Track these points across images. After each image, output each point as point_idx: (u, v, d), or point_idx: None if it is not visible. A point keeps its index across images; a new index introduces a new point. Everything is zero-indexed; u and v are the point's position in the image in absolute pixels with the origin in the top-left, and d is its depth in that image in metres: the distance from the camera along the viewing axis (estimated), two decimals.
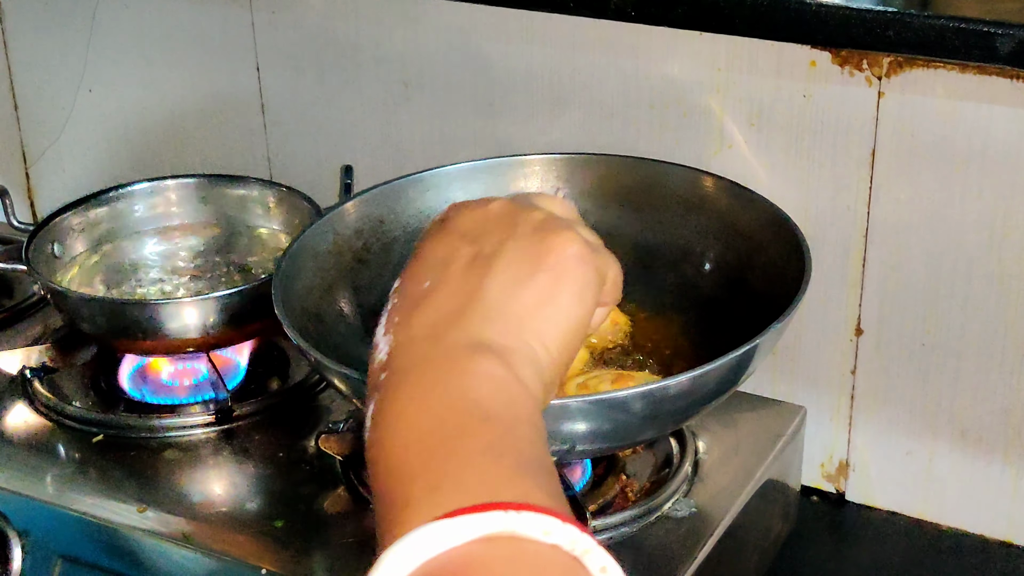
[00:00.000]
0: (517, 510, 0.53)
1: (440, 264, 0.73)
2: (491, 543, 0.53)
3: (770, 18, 1.08)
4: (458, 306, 0.70)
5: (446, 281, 0.72)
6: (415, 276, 0.73)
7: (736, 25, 1.08)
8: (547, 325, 0.71)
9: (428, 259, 0.74)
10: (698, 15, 1.13)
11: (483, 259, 0.72)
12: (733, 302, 1.12)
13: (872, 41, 0.94)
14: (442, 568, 0.52)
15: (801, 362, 1.29)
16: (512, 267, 0.72)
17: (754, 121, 1.23)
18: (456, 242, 0.74)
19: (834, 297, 1.25)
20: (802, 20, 1.01)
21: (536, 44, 1.31)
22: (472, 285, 0.71)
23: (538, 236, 0.74)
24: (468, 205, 0.78)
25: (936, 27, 0.91)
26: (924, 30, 0.91)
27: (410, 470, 0.59)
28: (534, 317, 0.70)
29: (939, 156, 1.15)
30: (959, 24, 0.90)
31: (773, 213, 1.09)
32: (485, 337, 0.68)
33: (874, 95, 1.16)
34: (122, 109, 1.63)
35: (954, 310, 1.20)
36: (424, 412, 0.63)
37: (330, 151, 1.48)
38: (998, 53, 0.88)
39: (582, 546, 0.54)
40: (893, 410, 1.27)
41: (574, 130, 1.32)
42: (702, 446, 1.16)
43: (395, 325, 0.70)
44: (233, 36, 1.49)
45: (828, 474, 1.33)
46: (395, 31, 1.39)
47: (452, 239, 0.75)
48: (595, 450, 1.03)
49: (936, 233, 1.18)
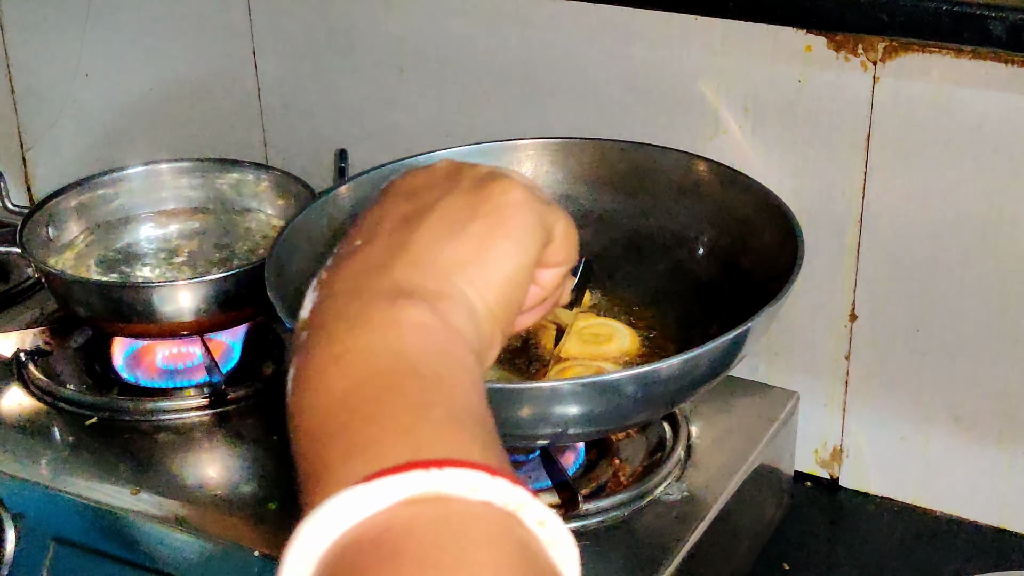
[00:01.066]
0: (440, 467, 0.50)
1: (375, 222, 0.69)
2: (415, 505, 0.49)
3: (763, 2, 1.08)
4: (384, 259, 0.66)
5: (377, 236, 0.68)
6: (349, 236, 0.70)
7: (730, 9, 1.08)
8: (481, 273, 0.67)
9: (366, 219, 0.71)
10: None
11: (417, 213, 0.69)
12: (727, 286, 1.12)
13: (866, 24, 0.94)
14: (362, 536, 0.49)
15: (795, 347, 1.29)
16: (447, 217, 0.68)
17: (749, 106, 1.23)
18: (396, 200, 0.71)
19: (828, 282, 1.25)
20: (796, 4, 1.00)
21: (531, 28, 1.31)
22: (402, 237, 0.67)
23: (477, 187, 0.70)
24: (413, 169, 0.75)
25: (930, 10, 0.91)
26: (918, 13, 0.91)
27: (329, 433, 0.55)
28: (467, 264, 0.66)
29: (934, 141, 1.15)
30: (953, 7, 0.90)
31: (766, 198, 1.09)
32: (412, 284, 0.64)
33: (869, 80, 1.16)
34: (119, 93, 1.63)
35: (949, 295, 1.20)
36: (344, 369, 0.58)
37: (326, 135, 1.48)
38: (992, 36, 0.88)
39: (516, 500, 0.50)
40: (887, 396, 1.27)
41: (569, 115, 1.32)
42: (695, 430, 1.16)
43: (320, 282, 0.66)
44: (230, 19, 1.49)
45: (822, 460, 1.33)
46: (391, 15, 1.38)
47: (392, 198, 0.71)
48: (588, 433, 1.03)
49: (931, 218, 1.18)
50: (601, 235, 1.20)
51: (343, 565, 0.49)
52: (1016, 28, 0.87)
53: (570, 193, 1.22)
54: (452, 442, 0.53)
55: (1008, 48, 0.88)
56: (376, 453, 0.52)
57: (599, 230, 1.20)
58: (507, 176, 0.72)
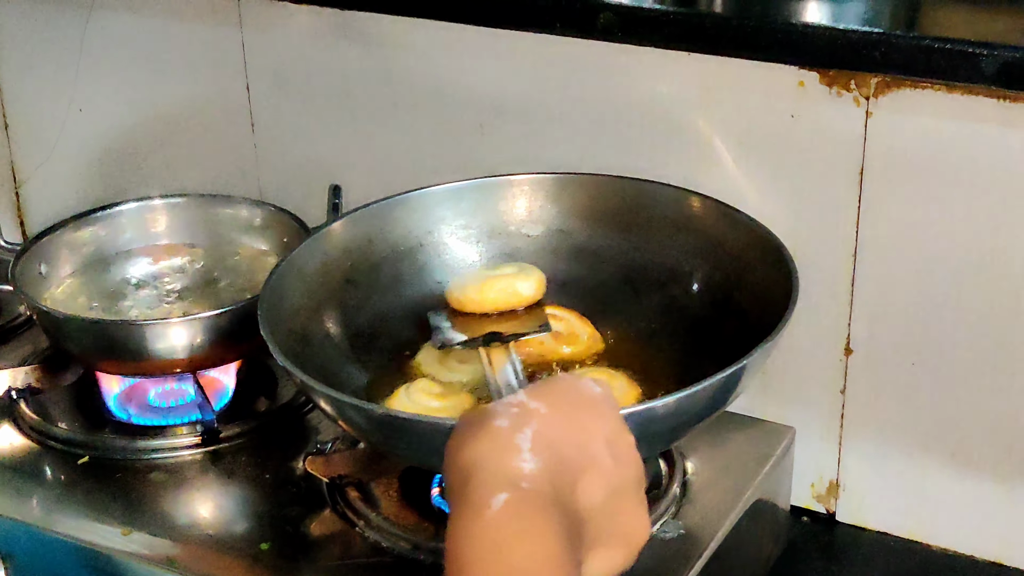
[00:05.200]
0: None
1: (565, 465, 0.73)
2: None
3: (757, 39, 1.08)
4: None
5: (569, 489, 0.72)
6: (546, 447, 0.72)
7: (723, 45, 1.08)
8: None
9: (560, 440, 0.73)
10: (685, 35, 1.13)
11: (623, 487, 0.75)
12: (721, 323, 1.12)
13: (859, 61, 0.94)
14: None
15: (790, 382, 1.28)
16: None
17: (743, 140, 1.23)
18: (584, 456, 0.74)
19: (823, 317, 1.25)
20: (789, 41, 1.00)
21: (525, 64, 1.31)
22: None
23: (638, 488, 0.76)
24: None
25: (922, 47, 0.91)
26: (910, 50, 0.91)
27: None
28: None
29: (927, 176, 1.15)
30: (945, 44, 0.90)
31: (760, 233, 1.09)
32: None
33: (862, 115, 1.16)
34: (112, 128, 1.63)
35: (944, 329, 1.20)
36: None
37: (319, 171, 1.48)
38: (983, 73, 0.88)
39: None
40: (883, 430, 1.26)
41: (563, 150, 1.32)
42: (691, 467, 1.15)
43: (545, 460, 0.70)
44: (223, 54, 1.49)
45: (818, 494, 1.32)
46: (383, 51, 1.38)
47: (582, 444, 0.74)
48: None
49: (925, 252, 1.18)
50: (596, 270, 1.20)
51: None
52: (1008, 65, 0.87)
53: (564, 228, 1.22)
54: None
55: (998, 84, 0.88)
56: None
57: (594, 265, 1.20)
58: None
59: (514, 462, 0.68)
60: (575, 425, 0.73)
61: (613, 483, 0.72)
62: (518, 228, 1.22)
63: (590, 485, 0.71)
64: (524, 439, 0.69)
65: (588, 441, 0.73)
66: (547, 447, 0.70)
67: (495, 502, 0.64)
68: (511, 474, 0.67)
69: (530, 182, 1.21)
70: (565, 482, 0.69)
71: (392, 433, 0.96)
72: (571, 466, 0.70)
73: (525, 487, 0.66)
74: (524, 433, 0.70)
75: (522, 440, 0.69)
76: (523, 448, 0.69)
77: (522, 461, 0.68)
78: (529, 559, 0.64)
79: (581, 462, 0.71)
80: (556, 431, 0.71)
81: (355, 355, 1.13)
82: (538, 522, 0.65)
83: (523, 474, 0.67)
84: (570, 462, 0.70)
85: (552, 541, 0.65)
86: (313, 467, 1.12)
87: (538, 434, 0.70)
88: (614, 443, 0.74)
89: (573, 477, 0.70)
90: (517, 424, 0.70)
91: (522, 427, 0.70)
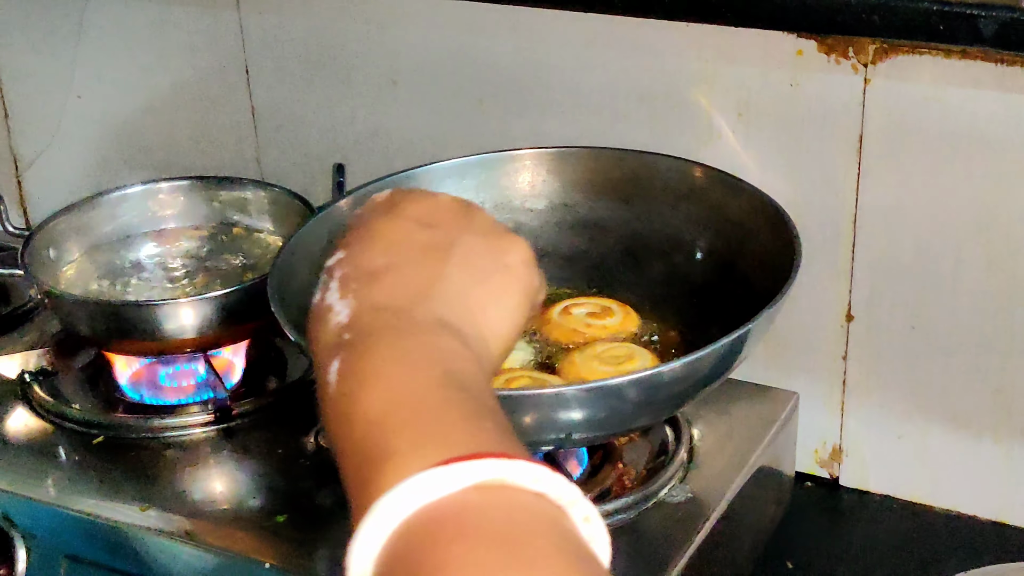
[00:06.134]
0: (507, 458, 0.55)
1: (395, 243, 0.75)
2: (483, 491, 0.55)
3: (754, 7, 1.09)
4: (422, 285, 0.72)
5: (406, 260, 0.73)
6: (368, 250, 0.74)
7: (721, 14, 1.09)
8: (495, 321, 0.73)
9: (380, 237, 0.75)
10: (684, 5, 1.14)
11: (442, 246, 0.74)
12: (725, 290, 1.13)
13: (856, 26, 0.95)
14: (438, 514, 0.54)
15: (793, 349, 1.30)
16: (471, 259, 0.74)
17: (742, 111, 1.24)
18: (409, 225, 0.76)
19: (824, 284, 1.26)
20: (787, 7, 1.01)
21: (523, 39, 1.32)
22: (434, 269, 0.73)
23: (494, 236, 0.77)
24: (415, 193, 0.80)
25: (920, 10, 0.92)
26: (908, 13, 0.92)
27: (393, 424, 0.60)
28: (487, 311, 0.73)
29: (927, 142, 1.16)
30: (943, 7, 0.91)
31: (762, 201, 1.11)
32: (446, 318, 0.70)
33: (860, 82, 1.17)
34: (112, 114, 1.63)
35: (944, 294, 1.21)
36: (402, 373, 0.64)
37: (321, 151, 1.49)
38: (982, 35, 0.89)
39: (568, 496, 0.56)
40: (885, 395, 1.28)
41: (563, 124, 1.33)
42: (696, 433, 1.17)
43: (353, 292, 0.71)
44: (221, 38, 1.50)
45: (822, 460, 1.34)
46: (382, 29, 1.39)
47: (404, 222, 0.76)
48: (592, 438, 1.04)
49: (925, 219, 1.19)
50: (598, 242, 1.22)
51: (417, 539, 0.54)
52: (1006, 26, 0.88)
53: (567, 202, 1.23)
54: (509, 445, 0.59)
55: (997, 47, 0.90)
56: (447, 443, 0.57)
57: (596, 237, 1.22)
58: (517, 236, 0.79)
59: (330, 323, 0.69)
60: (369, 242, 0.75)
61: (437, 243, 0.74)
62: (522, 203, 1.23)
63: (417, 267, 0.73)
64: (332, 294, 0.71)
65: (387, 244, 0.74)
66: (353, 280, 0.72)
67: (331, 377, 0.65)
68: (331, 338, 0.68)
69: (532, 156, 1.23)
70: (391, 287, 0.71)
71: None
72: (384, 270, 0.72)
73: (347, 338, 0.67)
74: (330, 288, 0.72)
75: (331, 296, 0.71)
76: (333, 304, 0.70)
77: (335, 315, 0.69)
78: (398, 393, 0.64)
79: (388, 261, 0.73)
80: (356, 259, 0.73)
81: None
82: (378, 358, 0.65)
83: (341, 326, 0.68)
84: (381, 270, 0.72)
85: (402, 358, 0.65)
86: (325, 440, 1.13)
87: (343, 278, 0.72)
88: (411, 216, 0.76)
89: (396, 279, 0.72)
90: (324, 285, 0.72)
91: (328, 285, 0.72)
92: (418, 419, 0.60)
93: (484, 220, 0.79)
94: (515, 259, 0.77)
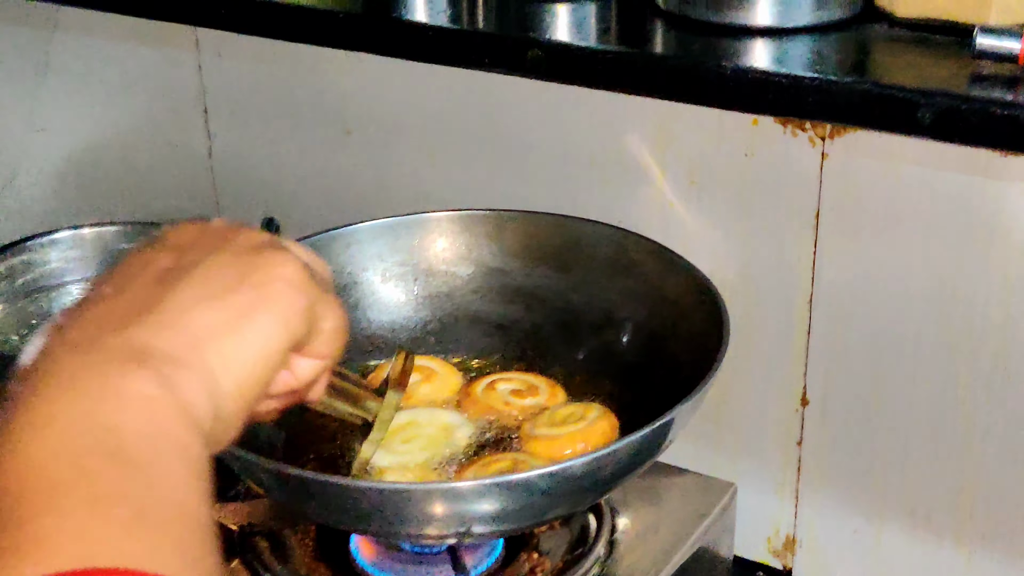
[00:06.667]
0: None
1: (131, 272, 0.63)
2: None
3: (698, 84, 1.01)
4: (128, 313, 0.59)
5: (128, 287, 0.62)
6: (100, 283, 0.63)
7: (657, 89, 1.01)
8: (235, 348, 0.61)
9: (123, 267, 0.65)
10: (633, 80, 1.07)
11: (180, 269, 0.63)
12: (655, 369, 1.06)
13: (795, 108, 0.88)
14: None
15: (745, 431, 1.23)
16: (210, 279, 0.63)
17: (695, 179, 1.17)
18: (160, 253, 0.65)
19: (779, 364, 1.19)
20: (738, 89, 0.94)
21: (476, 95, 1.27)
22: (155, 292, 0.61)
23: (250, 253, 0.65)
24: (192, 221, 0.69)
25: (858, 93, 0.85)
26: (847, 96, 0.85)
27: (6, 515, 0.49)
28: (221, 335, 0.61)
29: (885, 218, 1.10)
30: (882, 91, 0.84)
31: (697, 279, 1.03)
32: (150, 347, 0.58)
33: (818, 156, 1.11)
34: (74, 150, 1.60)
35: (902, 382, 1.14)
36: (42, 440, 0.52)
37: (274, 196, 1.44)
38: (919, 124, 0.82)
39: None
40: (841, 485, 1.21)
41: (514, 183, 1.27)
42: (621, 523, 1.09)
43: (53, 326, 0.59)
44: (181, 78, 1.46)
45: (775, 549, 1.27)
46: (333, 80, 1.35)
47: (156, 251, 0.65)
48: (496, 532, 0.98)
49: (883, 298, 1.12)
50: (533, 312, 1.15)
51: None
52: (944, 115, 0.81)
53: (504, 267, 1.16)
54: (139, 544, 0.48)
55: (937, 137, 0.82)
56: (48, 552, 0.47)
57: (531, 307, 1.15)
58: (286, 249, 0.67)
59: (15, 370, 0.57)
60: (107, 276, 0.64)
61: (179, 266, 0.63)
62: (454, 266, 1.17)
63: (138, 293, 0.61)
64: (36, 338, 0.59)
65: (123, 275, 0.63)
66: (62, 316, 0.60)
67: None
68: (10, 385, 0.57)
69: (468, 219, 1.16)
70: (90, 318, 0.60)
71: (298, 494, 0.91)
72: (95, 301, 0.61)
73: (13, 384, 0.55)
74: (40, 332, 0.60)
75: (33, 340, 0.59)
76: (27, 348, 0.59)
77: (22, 360, 0.58)
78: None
79: (112, 291, 0.61)
80: (83, 297, 0.62)
81: None
82: (31, 410, 0.53)
83: (19, 370, 0.57)
84: (92, 302, 0.61)
85: (59, 412, 0.53)
86: (222, 515, 1.06)
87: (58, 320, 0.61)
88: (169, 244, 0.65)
89: (103, 308, 0.60)
90: None
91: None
92: (31, 509, 0.49)
93: (249, 238, 0.67)
94: (267, 276, 0.64)
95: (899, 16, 0.95)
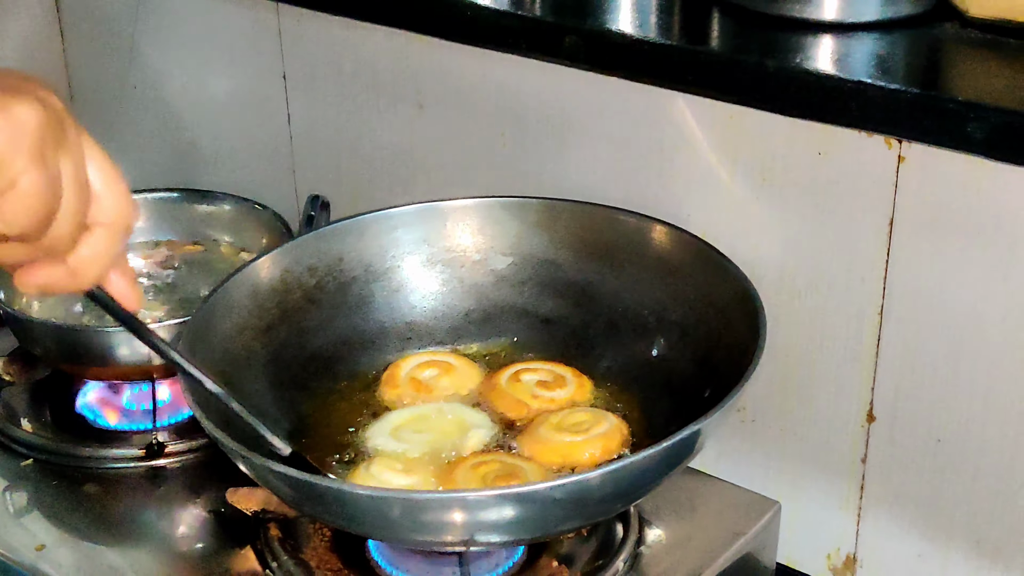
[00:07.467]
0: None
1: None
2: None
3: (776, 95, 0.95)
4: None
5: None
6: None
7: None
8: None
9: None
10: (705, 81, 1.01)
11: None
12: (696, 378, 1.01)
13: (858, 120, 0.82)
14: None
15: (810, 444, 1.17)
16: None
17: (766, 176, 1.11)
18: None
19: (846, 376, 1.13)
20: (807, 99, 0.86)
21: (549, 80, 1.21)
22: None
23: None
24: None
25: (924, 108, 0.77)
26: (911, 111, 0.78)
27: None
28: None
29: (963, 228, 1.02)
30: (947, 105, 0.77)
31: (745, 290, 0.98)
32: None
33: (894, 159, 1.04)
34: (164, 111, 1.60)
35: (974, 404, 1.06)
36: None
37: (350, 163, 1.42)
38: (972, 138, 0.75)
39: None
40: (905, 507, 1.14)
41: (583, 175, 1.22)
42: (651, 535, 1.03)
43: None
44: (261, 42, 1.45)
45: (834, 567, 1.20)
46: (409, 56, 1.31)
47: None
48: (506, 541, 0.94)
49: (959, 314, 1.05)
50: (582, 309, 1.11)
51: None
52: (996, 131, 0.74)
53: (555, 259, 1.12)
54: None
55: (990, 155, 0.75)
56: None
57: (581, 303, 1.10)
58: (40, 103, 0.61)
59: None
60: None
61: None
62: (502, 255, 1.12)
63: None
64: None
65: None
66: None
67: None
68: None
69: (518, 206, 1.12)
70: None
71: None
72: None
73: None
74: None
75: None
76: None
77: None
78: None
79: None
80: None
81: (304, 381, 1.05)
82: None
83: None
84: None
85: None
86: (235, 499, 1.04)
87: None
88: None
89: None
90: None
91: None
92: None
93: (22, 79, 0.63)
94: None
95: (972, 16, 0.87)
